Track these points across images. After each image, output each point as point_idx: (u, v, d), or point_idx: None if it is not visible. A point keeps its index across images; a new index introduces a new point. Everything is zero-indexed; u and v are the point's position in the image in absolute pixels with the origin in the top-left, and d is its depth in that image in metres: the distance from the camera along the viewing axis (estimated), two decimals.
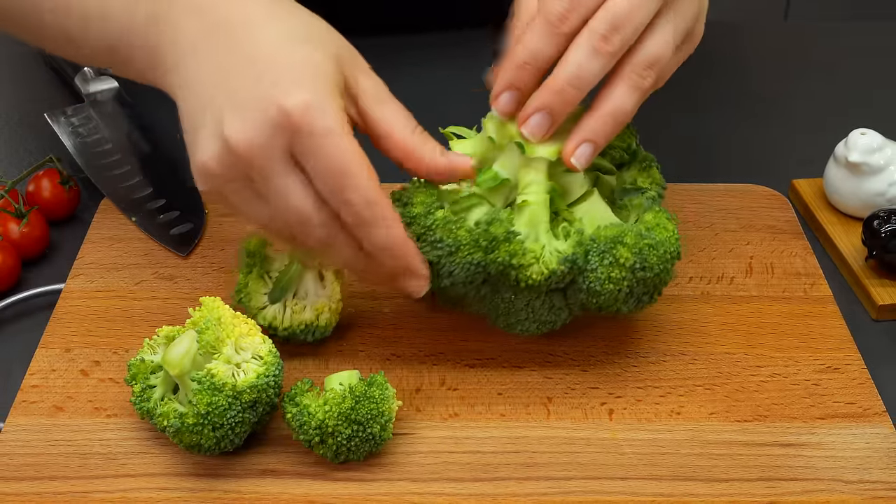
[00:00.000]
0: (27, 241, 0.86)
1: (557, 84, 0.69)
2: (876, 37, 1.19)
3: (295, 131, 0.64)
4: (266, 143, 0.64)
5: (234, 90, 0.65)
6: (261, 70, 0.65)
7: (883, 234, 0.83)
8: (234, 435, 0.67)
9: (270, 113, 0.64)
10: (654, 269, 0.70)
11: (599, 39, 0.68)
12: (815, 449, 0.71)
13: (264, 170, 0.65)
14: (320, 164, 0.64)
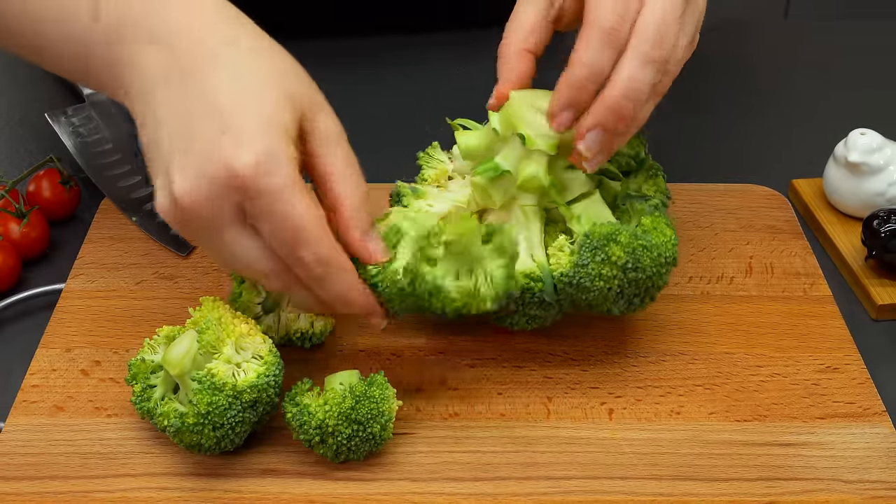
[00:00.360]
0: (28, 240, 0.86)
1: (614, 99, 0.68)
2: (876, 36, 1.19)
3: (244, 191, 0.63)
4: (213, 202, 0.64)
5: (188, 140, 0.64)
6: (213, 122, 0.64)
7: (882, 234, 0.83)
8: (234, 434, 0.67)
9: (218, 172, 0.63)
10: (646, 270, 0.70)
11: (651, 47, 0.67)
12: (814, 448, 0.71)
13: (212, 226, 0.65)
14: (271, 224, 0.64)
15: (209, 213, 0.64)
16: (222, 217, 0.64)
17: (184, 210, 0.64)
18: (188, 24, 0.67)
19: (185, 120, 0.64)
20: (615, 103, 0.68)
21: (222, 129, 0.63)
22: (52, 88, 1.06)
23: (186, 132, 0.64)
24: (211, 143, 0.63)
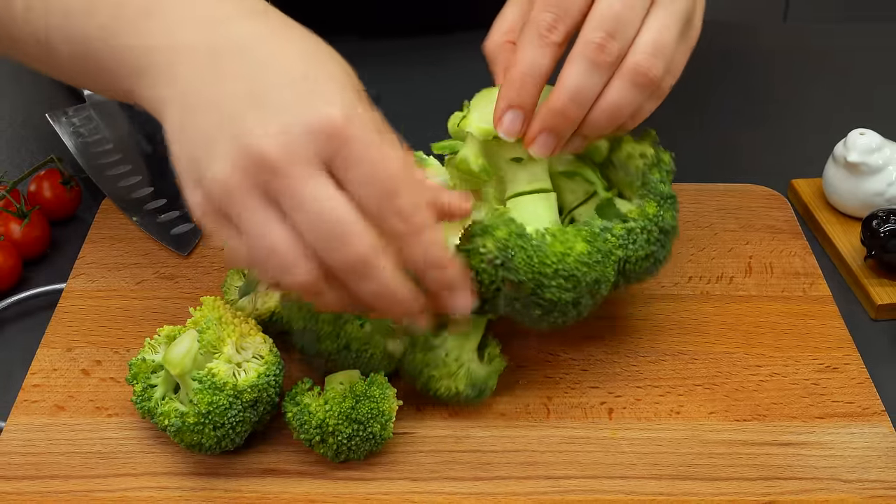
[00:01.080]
0: (28, 240, 0.86)
1: (559, 103, 0.67)
2: (874, 37, 1.19)
3: (337, 140, 0.59)
4: (302, 149, 0.59)
5: (260, 102, 0.60)
6: (289, 82, 0.61)
7: (882, 234, 0.83)
8: (234, 434, 0.67)
9: (310, 119, 0.59)
10: (519, 272, 0.67)
11: (595, 49, 0.66)
12: (814, 448, 0.71)
13: (293, 175, 0.59)
14: (365, 171, 0.60)
15: (297, 159, 0.59)
16: (311, 165, 0.59)
17: (268, 161, 0.58)
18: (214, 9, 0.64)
19: (253, 83, 0.61)
20: (561, 108, 0.67)
21: (305, 84, 0.60)
22: (53, 89, 1.06)
23: (257, 92, 0.60)
24: (293, 95, 0.60)
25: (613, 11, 0.66)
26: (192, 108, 0.62)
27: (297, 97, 0.60)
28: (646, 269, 0.72)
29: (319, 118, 0.59)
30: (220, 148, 0.60)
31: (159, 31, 0.64)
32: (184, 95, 0.62)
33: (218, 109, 0.61)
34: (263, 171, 0.59)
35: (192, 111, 0.62)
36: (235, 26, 0.63)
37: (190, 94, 0.62)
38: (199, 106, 0.61)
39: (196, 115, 0.61)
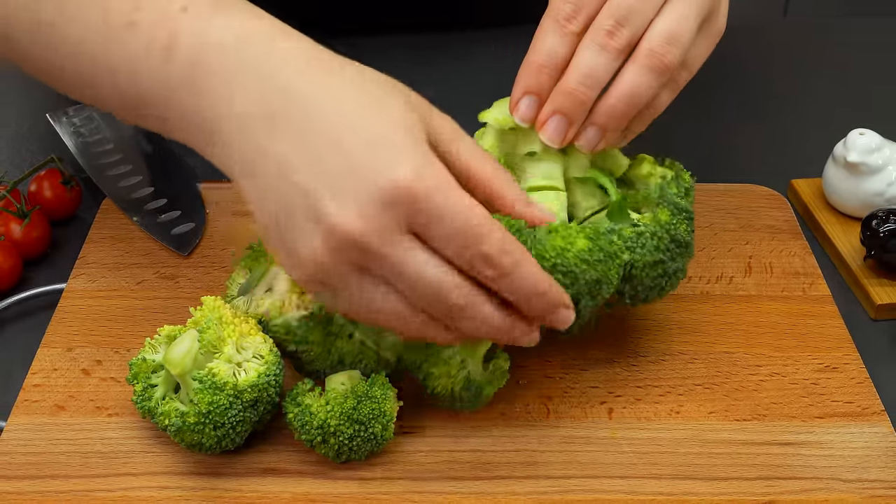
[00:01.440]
0: (29, 240, 0.86)
1: (568, 85, 0.68)
2: (875, 34, 1.19)
3: (412, 201, 0.59)
4: (383, 221, 0.59)
5: (327, 171, 0.59)
6: (352, 144, 0.60)
7: (881, 234, 0.83)
8: (235, 434, 0.67)
9: (381, 187, 0.58)
10: None
11: (605, 35, 0.67)
12: (813, 448, 0.71)
13: (383, 250, 0.60)
14: (446, 226, 0.60)
15: (380, 235, 0.59)
16: (394, 236, 0.59)
17: (351, 241, 0.59)
18: (271, 51, 0.62)
19: (316, 148, 0.60)
20: (571, 89, 0.68)
21: (368, 144, 0.59)
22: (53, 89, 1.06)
23: (324, 162, 0.60)
24: (363, 163, 0.59)
25: (627, 2, 0.67)
26: (262, 177, 0.61)
27: (364, 165, 0.59)
28: (654, 279, 0.71)
29: (391, 187, 0.58)
30: (304, 226, 0.60)
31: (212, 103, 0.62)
32: (250, 163, 0.62)
33: (289, 183, 0.60)
34: (352, 251, 0.60)
35: (264, 182, 0.61)
36: (288, 79, 0.62)
37: (256, 162, 0.61)
38: (269, 176, 0.61)
39: (268, 187, 0.61)
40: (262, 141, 0.61)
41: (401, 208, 0.59)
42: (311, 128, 0.60)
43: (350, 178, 0.59)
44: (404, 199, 0.59)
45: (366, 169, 0.59)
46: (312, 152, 0.60)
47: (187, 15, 0.63)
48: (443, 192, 0.59)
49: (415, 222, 0.60)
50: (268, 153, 0.61)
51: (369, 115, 0.61)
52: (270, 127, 0.61)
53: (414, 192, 0.59)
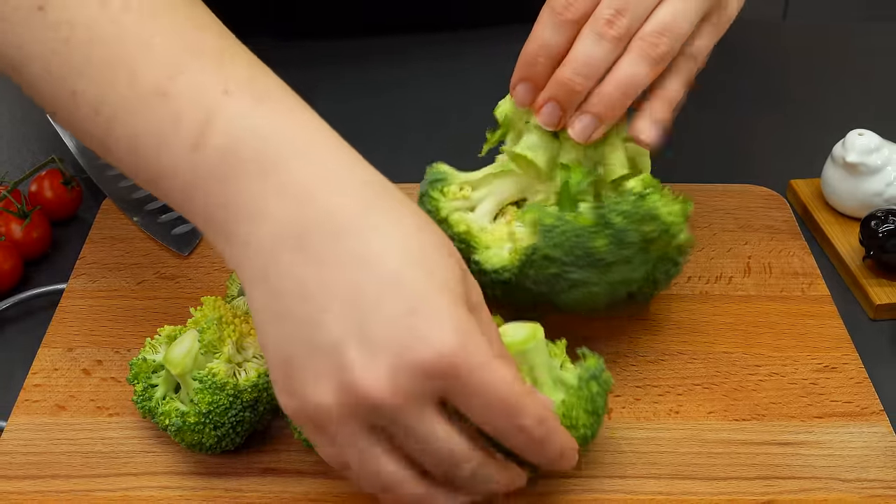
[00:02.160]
0: (29, 241, 0.86)
1: (564, 74, 0.69)
2: (874, 37, 1.19)
3: (454, 375, 0.54)
4: (416, 392, 0.54)
5: (360, 319, 0.54)
6: (395, 299, 0.54)
7: (880, 234, 0.83)
8: (235, 434, 0.67)
9: (422, 357, 0.54)
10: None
11: (603, 24, 0.68)
12: (812, 448, 0.71)
13: (406, 420, 0.55)
14: (483, 399, 0.55)
15: (408, 403, 0.54)
16: (424, 406, 0.55)
17: (373, 403, 0.54)
18: (314, 175, 0.57)
19: (348, 288, 0.55)
20: (567, 78, 0.69)
21: (409, 306, 0.54)
22: None
23: (360, 309, 0.54)
24: (404, 324, 0.54)
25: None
26: (280, 297, 0.56)
27: (403, 325, 0.54)
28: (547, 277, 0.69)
29: (434, 359, 0.54)
30: (319, 367, 0.55)
31: (241, 203, 0.57)
32: (271, 276, 0.56)
33: (313, 315, 0.55)
34: (369, 411, 0.55)
35: (281, 302, 0.56)
36: (333, 202, 0.56)
37: (275, 287, 0.56)
38: (290, 297, 0.56)
39: (287, 311, 0.56)
40: (290, 258, 0.56)
41: (439, 381, 0.54)
42: (349, 265, 0.55)
43: (387, 336, 0.54)
44: (445, 373, 0.54)
45: (407, 331, 0.54)
46: (347, 292, 0.55)
47: (229, 98, 0.57)
48: (486, 364, 0.55)
49: (450, 393, 0.55)
50: (293, 274, 0.55)
51: (424, 261, 0.56)
52: (302, 246, 0.55)
53: (457, 366, 0.54)
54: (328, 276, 0.55)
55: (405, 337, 0.54)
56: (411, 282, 0.55)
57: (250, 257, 0.57)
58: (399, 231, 0.57)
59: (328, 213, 0.56)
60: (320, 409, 0.55)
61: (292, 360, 0.56)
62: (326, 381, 0.55)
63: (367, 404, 0.54)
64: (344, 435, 0.56)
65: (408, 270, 0.55)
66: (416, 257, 0.56)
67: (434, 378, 0.54)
